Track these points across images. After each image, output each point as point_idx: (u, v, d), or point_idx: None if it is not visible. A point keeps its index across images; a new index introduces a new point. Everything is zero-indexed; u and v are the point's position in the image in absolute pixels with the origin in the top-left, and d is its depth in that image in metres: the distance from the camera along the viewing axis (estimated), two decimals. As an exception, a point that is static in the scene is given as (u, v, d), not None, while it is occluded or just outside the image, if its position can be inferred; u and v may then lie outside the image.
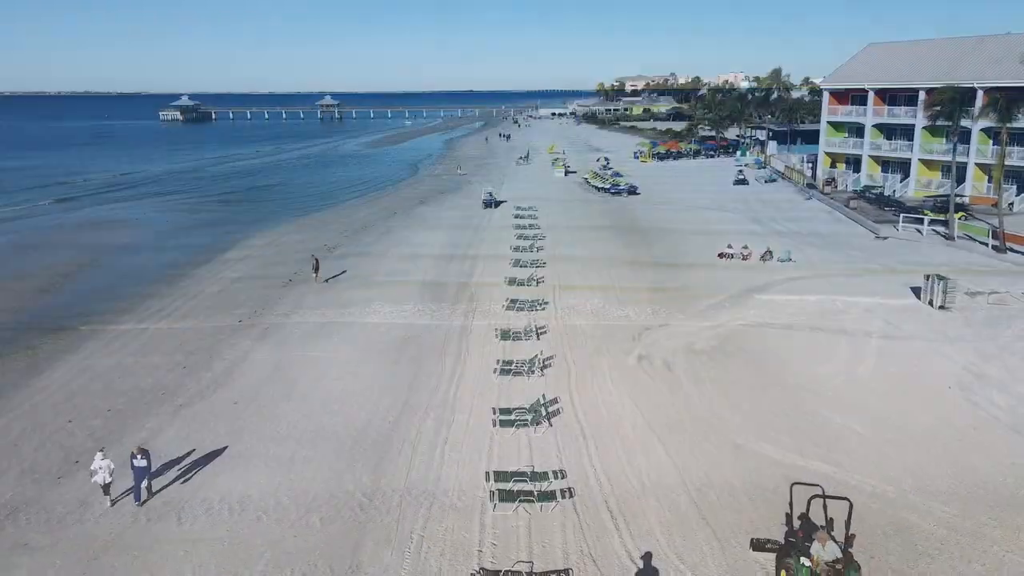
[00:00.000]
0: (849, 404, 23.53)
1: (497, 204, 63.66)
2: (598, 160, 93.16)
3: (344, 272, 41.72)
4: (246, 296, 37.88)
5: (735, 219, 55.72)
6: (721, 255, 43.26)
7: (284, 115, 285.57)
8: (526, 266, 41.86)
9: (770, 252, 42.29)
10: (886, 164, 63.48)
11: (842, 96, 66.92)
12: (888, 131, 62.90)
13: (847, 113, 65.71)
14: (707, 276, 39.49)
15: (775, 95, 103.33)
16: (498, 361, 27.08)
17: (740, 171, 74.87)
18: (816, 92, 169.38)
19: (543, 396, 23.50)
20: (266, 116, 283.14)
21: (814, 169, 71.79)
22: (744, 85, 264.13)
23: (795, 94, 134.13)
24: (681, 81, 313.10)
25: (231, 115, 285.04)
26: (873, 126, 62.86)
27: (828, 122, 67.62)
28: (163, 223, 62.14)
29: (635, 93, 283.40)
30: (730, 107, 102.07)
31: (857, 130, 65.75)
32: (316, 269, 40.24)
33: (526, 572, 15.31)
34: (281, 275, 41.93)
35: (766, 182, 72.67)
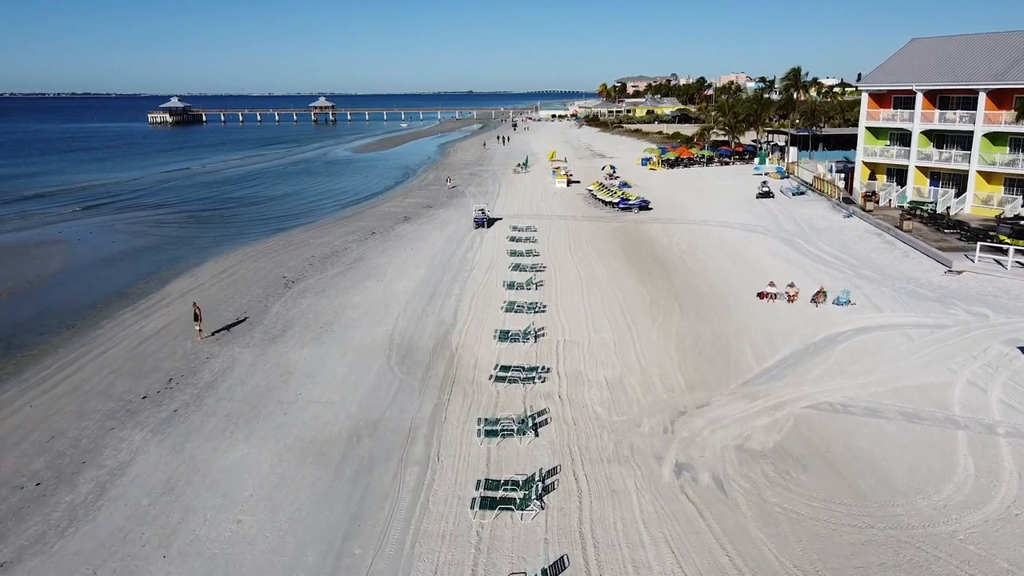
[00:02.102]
0: (1006, 572, 15.48)
1: (490, 223, 55.60)
2: (603, 168, 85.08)
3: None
4: (166, 354, 29.87)
5: (766, 243, 47.63)
6: (762, 295, 35.20)
7: (277, 117, 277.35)
8: (522, 310, 33.79)
9: (824, 292, 34.20)
10: (935, 176, 55.38)
11: (883, 98, 58.82)
12: (939, 138, 54.84)
13: (889, 117, 57.53)
14: (748, 325, 31.41)
15: (793, 96, 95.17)
16: (479, 482, 19.01)
17: (764, 182, 66.62)
18: (825, 93, 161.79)
19: (543, 570, 15.35)
20: (258, 119, 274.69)
21: (847, 180, 63.70)
22: (751, 86, 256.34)
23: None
24: (683, 81, 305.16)
25: (222, 117, 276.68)
26: (921, 133, 54.76)
27: (867, 128, 59.45)
28: (107, 246, 54.06)
29: (637, 94, 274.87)
30: (746, 109, 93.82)
31: (900, 137, 57.69)
32: (197, 319, 31.31)
33: None
34: (221, 321, 33.93)
35: (794, 195, 64.55)
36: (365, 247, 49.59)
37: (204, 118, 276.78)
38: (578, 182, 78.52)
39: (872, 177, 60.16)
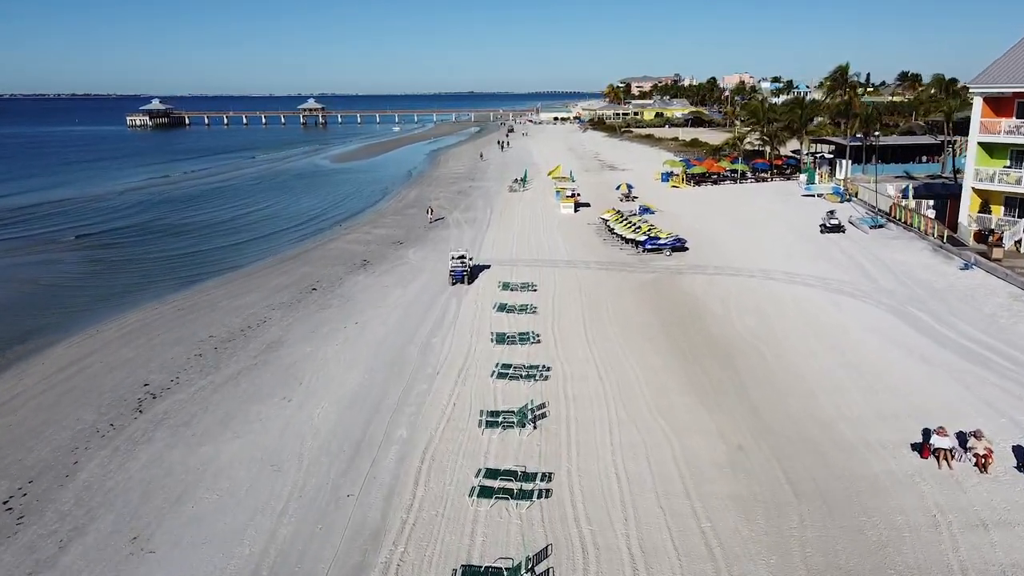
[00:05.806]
0: None
1: (472, 276, 40.62)
2: (618, 187, 70.09)
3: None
4: None
5: (868, 316, 32.64)
6: (925, 452, 20.29)
7: (264, 120, 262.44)
8: (509, 496, 18.74)
9: (1045, 456, 19.26)
10: (1080, 210, 40.54)
11: (1002, 104, 43.74)
12: (1087, 159, 39.98)
13: (1014, 130, 42.54)
14: (936, 545, 16.50)
15: (844, 99, 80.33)
16: None
17: (831, 212, 51.19)
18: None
19: None
20: (244, 121, 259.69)
21: (945, 210, 48.75)
22: (765, 86, 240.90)
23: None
24: (687, 82, 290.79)
25: (206, 120, 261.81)
26: (1064, 151, 39.91)
27: (979, 143, 44.39)
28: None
29: (643, 95, 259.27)
30: (788, 114, 78.92)
31: (1025, 156, 42.76)
32: None
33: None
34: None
35: (871, 228, 49.54)
36: (292, 319, 34.70)
37: (187, 121, 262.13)
38: (587, 205, 63.77)
39: (984, 209, 45.14)
